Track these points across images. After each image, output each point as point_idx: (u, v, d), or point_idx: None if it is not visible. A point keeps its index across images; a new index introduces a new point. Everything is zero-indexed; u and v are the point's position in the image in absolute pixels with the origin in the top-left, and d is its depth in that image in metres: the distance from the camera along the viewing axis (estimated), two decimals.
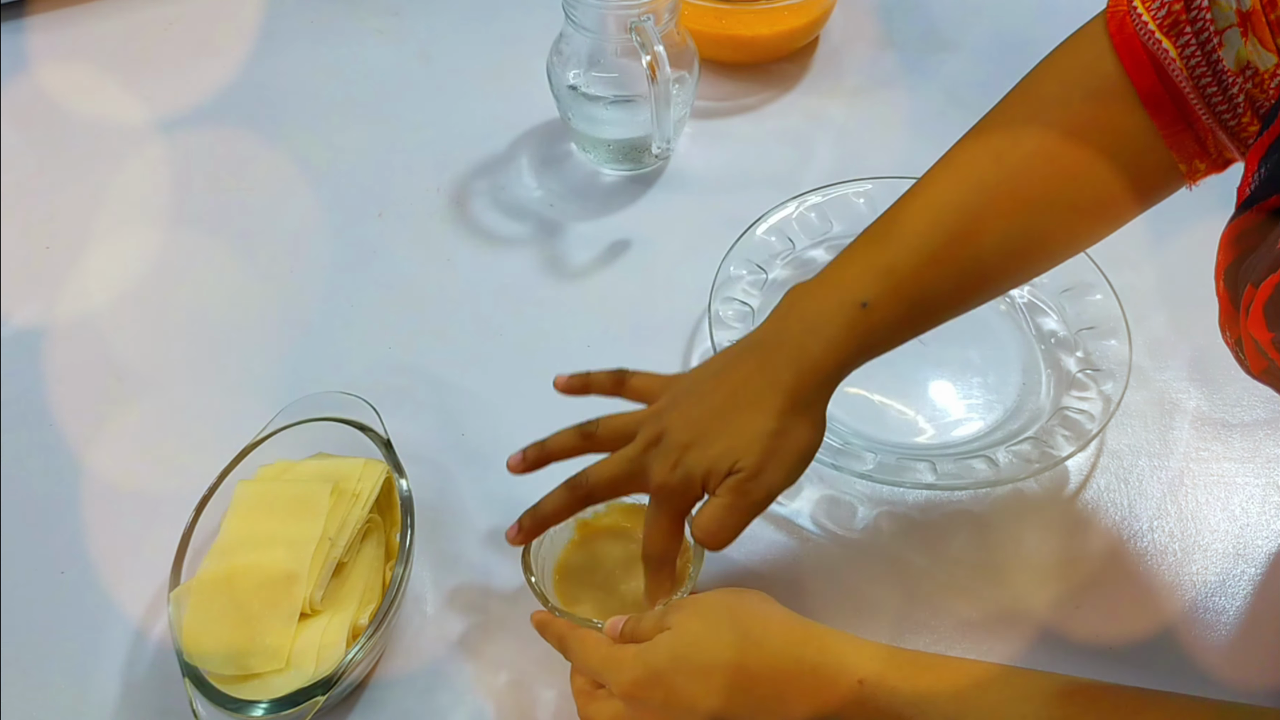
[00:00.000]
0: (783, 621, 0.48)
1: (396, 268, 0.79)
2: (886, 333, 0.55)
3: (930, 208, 0.55)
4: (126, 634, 0.61)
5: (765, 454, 0.52)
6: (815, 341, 0.53)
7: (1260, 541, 0.64)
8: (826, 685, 0.45)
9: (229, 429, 0.64)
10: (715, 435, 0.53)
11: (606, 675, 0.50)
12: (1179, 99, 0.50)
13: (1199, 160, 0.52)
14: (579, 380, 0.60)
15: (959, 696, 0.43)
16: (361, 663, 0.55)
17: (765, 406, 0.53)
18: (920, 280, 0.54)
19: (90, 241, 0.81)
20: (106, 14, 0.98)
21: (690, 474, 0.53)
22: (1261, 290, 0.39)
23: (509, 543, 0.56)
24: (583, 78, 0.79)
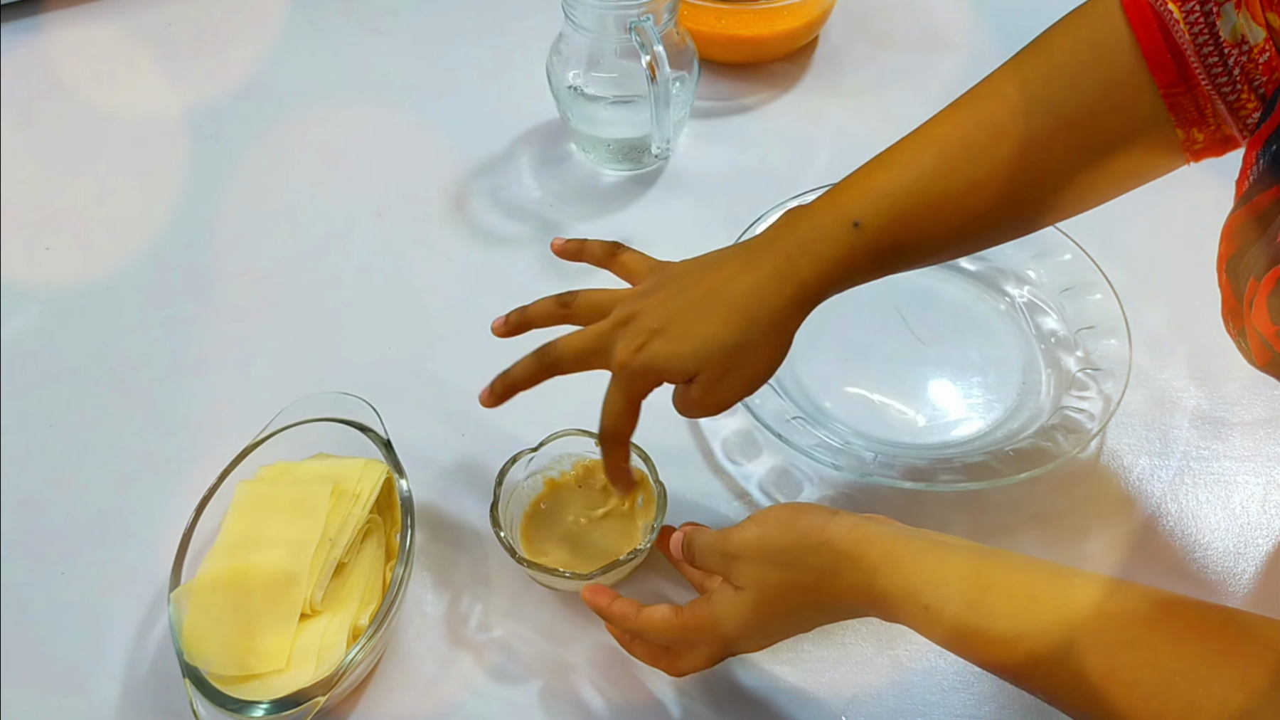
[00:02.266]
0: (848, 549, 0.48)
1: (396, 268, 0.79)
2: (875, 256, 0.55)
3: (935, 140, 0.55)
4: (126, 634, 0.60)
5: (725, 367, 0.54)
6: (803, 257, 0.54)
7: (1260, 540, 0.64)
8: (897, 610, 0.47)
9: (229, 429, 0.64)
10: (684, 332, 0.54)
11: (694, 640, 0.53)
12: (1181, 61, 0.51)
13: (1197, 129, 0.53)
14: (575, 244, 0.62)
15: (1016, 618, 0.44)
16: (361, 663, 0.55)
17: (737, 317, 0.53)
18: (914, 207, 0.54)
19: (90, 241, 0.81)
20: (106, 14, 0.98)
21: (650, 364, 0.54)
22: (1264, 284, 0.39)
23: (481, 404, 0.59)
24: (583, 78, 0.79)
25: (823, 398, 0.70)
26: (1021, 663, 0.44)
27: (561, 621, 0.61)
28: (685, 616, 0.52)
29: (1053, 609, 0.43)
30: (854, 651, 0.60)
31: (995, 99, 0.55)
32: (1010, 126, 0.54)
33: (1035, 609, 0.44)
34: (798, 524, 0.50)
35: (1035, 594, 0.44)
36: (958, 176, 0.54)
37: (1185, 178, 0.56)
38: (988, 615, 0.44)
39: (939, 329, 0.74)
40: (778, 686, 0.59)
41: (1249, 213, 0.42)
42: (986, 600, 0.45)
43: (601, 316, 0.57)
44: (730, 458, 0.68)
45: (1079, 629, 0.42)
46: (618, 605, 0.54)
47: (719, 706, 0.58)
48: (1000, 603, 0.44)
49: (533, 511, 0.63)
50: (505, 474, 0.61)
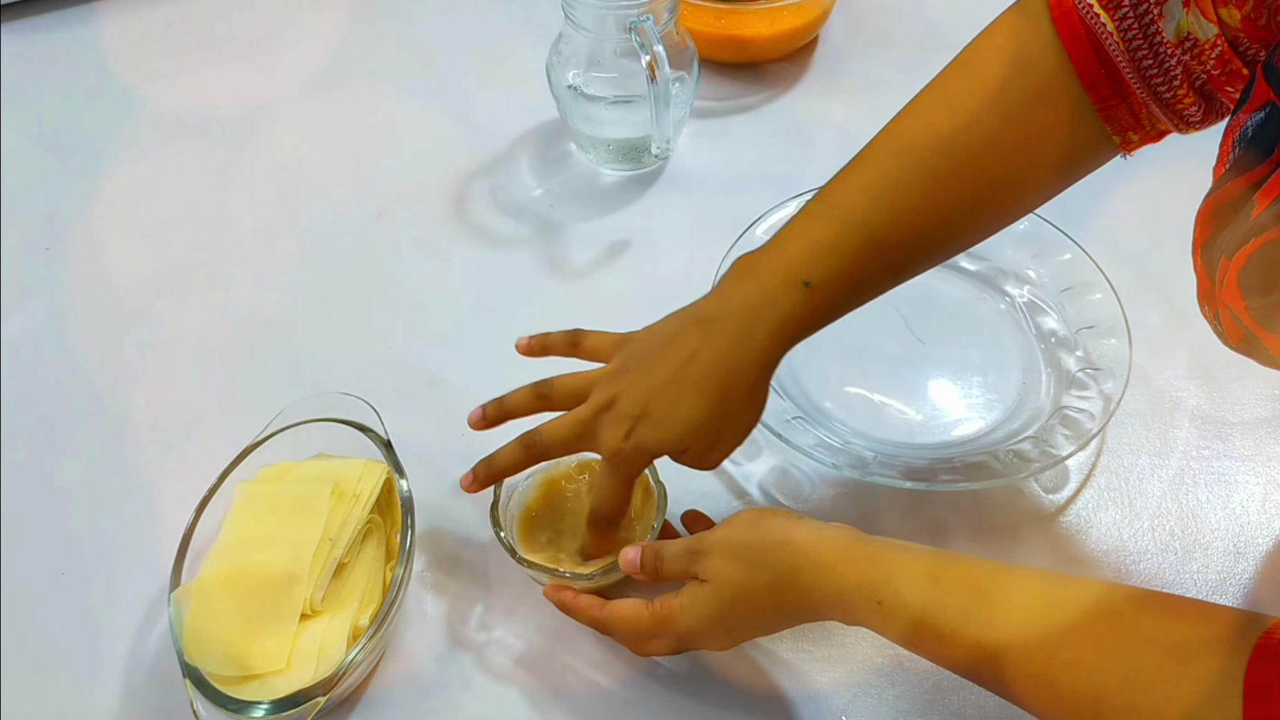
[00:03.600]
0: (807, 548, 0.50)
1: (396, 268, 0.79)
2: (829, 309, 0.57)
3: (871, 185, 0.56)
4: (126, 634, 0.60)
5: (711, 439, 0.56)
6: (759, 324, 0.55)
7: (1260, 540, 0.64)
8: (853, 608, 0.49)
9: (229, 429, 0.64)
10: (665, 415, 0.55)
11: (663, 633, 0.54)
12: (1114, 74, 0.51)
13: (1132, 132, 0.54)
14: (538, 341, 0.63)
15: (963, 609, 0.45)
16: (362, 663, 0.55)
17: (712, 391, 0.55)
18: (861, 260, 0.56)
19: (90, 241, 0.81)
20: (106, 14, 0.98)
21: (640, 448, 0.55)
22: (1235, 260, 0.40)
23: (463, 489, 0.59)
24: (583, 78, 0.79)
25: (823, 398, 0.70)
26: (971, 654, 0.45)
27: (561, 622, 0.61)
28: (655, 608, 0.54)
29: (1000, 599, 0.45)
30: (854, 651, 0.60)
31: (921, 128, 0.56)
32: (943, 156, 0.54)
33: (982, 600, 0.45)
34: (762, 524, 0.52)
35: (982, 586, 0.46)
36: (889, 213, 0.55)
37: (1186, 178, 0.56)
38: (937, 608, 0.46)
39: (939, 329, 0.74)
40: (778, 686, 0.59)
41: (1223, 197, 0.43)
42: (936, 593, 0.46)
43: (579, 401, 0.58)
44: (730, 458, 0.68)
45: (1024, 616, 0.44)
46: (581, 599, 0.57)
47: (719, 706, 0.58)
48: (949, 596, 0.46)
49: (532, 511, 0.63)
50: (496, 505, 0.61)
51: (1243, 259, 0.39)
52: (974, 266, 0.77)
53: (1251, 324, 0.40)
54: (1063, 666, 0.42)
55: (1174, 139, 0.56)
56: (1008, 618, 0.44)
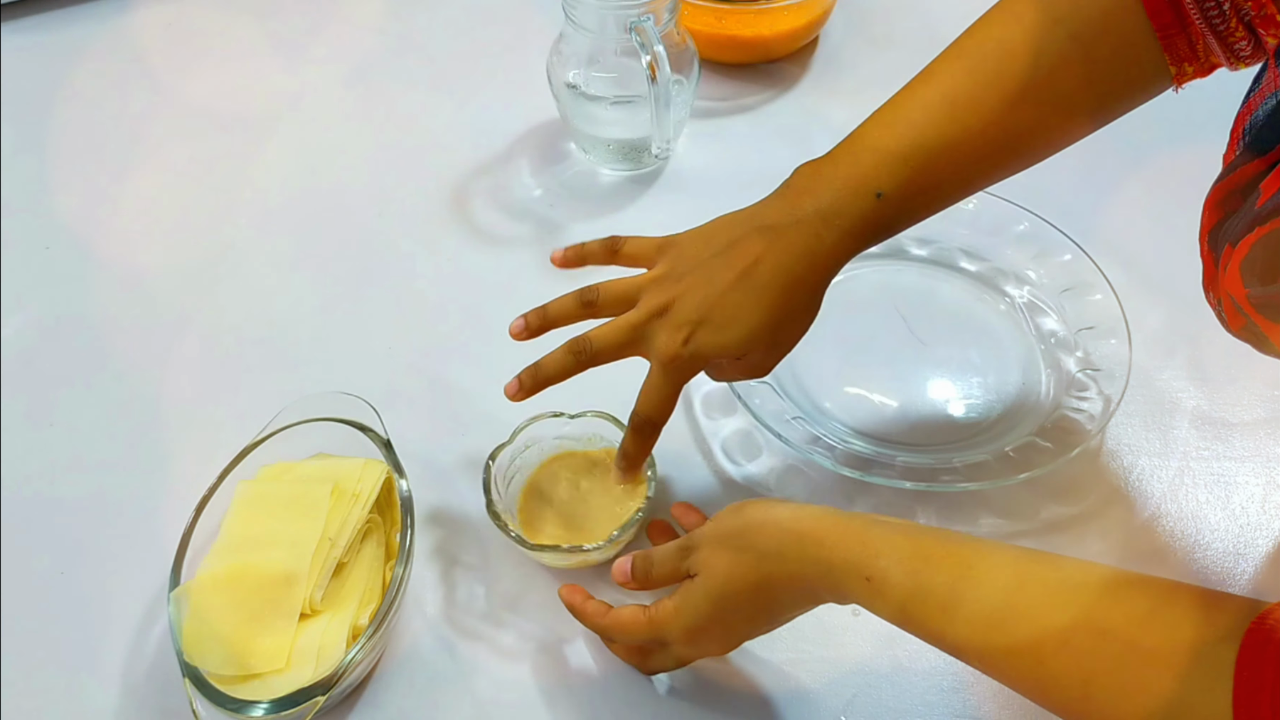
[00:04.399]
0: (793, 526, 0.50)
1: (396, 268, 0.79)
2: (897, 219, 0.57)
3: (943, 96, 0.57)
4: (126, 634, 0.60)
5: (769, 345, 0.57)
6: (828, 232, 0.56)
7: (1260, 541, 0.64)
8: (842, 583, 0.48)
9: (229, 429, 0.64)
10: (727, 320, 0.55)
11: (661, 637, 0.54)
12: (1176, 3, 0.52)
13: (1188, 64, 0.54)
14: (574, 252, 0.63)
15: (953, 587, 0.45)
16: (361, 663, 0.55)
17: (776, 299, 0.56)
18: (933, 171, 0.56)
19: (90, 241, 0.81)
20: (106, 14, 0.98)
21: (699, 354, 0.56)
22: (1239, 249, 0.40)
23: (507, 397, 0.59)
24: (583, 78, 0.79)
25: (823, 398, 0.70)
26: (959, 632, 0.45)
27: (562, 621, 0.61)
28: (651, 612, 0.53)
29: (989, 578, 0.45)
30: (854, 651, 0.60)
31: (991, 42, 0.57)
32: (1009, 67, 0.55)
33: (972, 578, 0.45)
34: (745, 511, 0.52)
35: (972, 564, 0.46)
36: (961, 124, 0.56)
37: (1186, 179, 0.56)
38: (927, 586, 0.46)
39: (939, 329, 0.74)
40: (778, 686, 0.59)
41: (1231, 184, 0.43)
42: (926, 571, 0.46)
43: (628, 307, 0.58)
44: (730, 458, 0.68)
45: (1014, 593, 0.44)
46: (590, 604, 0.56)
47: (719, 705, 0.58)
48: (938, 574, 0.46)
49: (527, 494, 0.64)
50: (491, 470, 0.62)
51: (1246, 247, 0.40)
52: (974, 266, 0.77)
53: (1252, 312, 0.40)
54: (1054, 647, 0.42)
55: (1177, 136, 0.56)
56: (998, 597, 0.44)
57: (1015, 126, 0.56)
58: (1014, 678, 0.44)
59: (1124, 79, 0.56)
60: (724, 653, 0.55)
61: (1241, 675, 0.36)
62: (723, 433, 0.69)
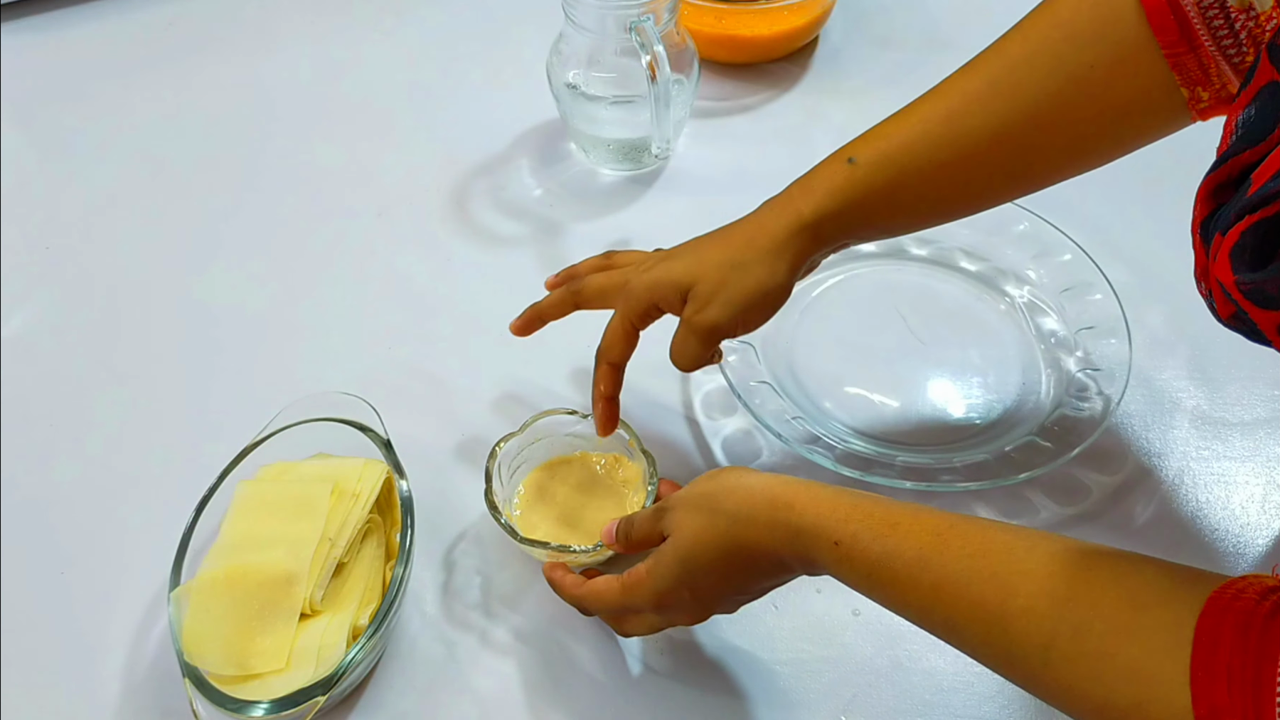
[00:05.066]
0: (763, 491, 0.50)
1: (396, 268, 0.79)
2: (871, 194, 0.57)
3: (937, 93, 0.58)
4: (126, 634, 0.61)
5: (717, 282, 0.57)
6: (803, 194, 0.58)
7: (1260, 541, 0.64)
8: (810, 548, 0.48)
9: (229, 429, 0.64)
10: (683, 251, 0.59)
11: (633, 603, 0.54)
12: (1184, 21, 0.51)
13: (1202, 88, 0.53)
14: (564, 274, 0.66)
15: (921, 552, 0.46)
16: (361, 663, 0.55)
17: (735, 240, 0.58)
18: (911, 147, 0.56)
19: (90, 241, 0.81)
20: (107, 13, 0.98)
21: (649, 280, 0.58)
22: (1229, 236, 0.40)
23: (511, 331, 0.64)
24: (583, 78, 0.79)
25: (823, 398, 0.70)
26: (925, 598, 0.45)
27: (561, 622, 0.61)
28: (624, 579, 0.54)
29: (958, 546, 0.45)
30: (854, 651, 0.60)
31: (998, 57, 0.57)
32: (1010, 81, 0.55)
33: (941, 545, 0.45)
34: (720, 475, 0.53)
35: (941, 532, 0.46)
36: (955, 124, 0.56)
37: (1186, 179, 0.56)
38: (895, 552, 0.46)
39: (939, 329, 0.74)
40: (778, 686, 0.59)
41: (1222, 175, 0.43)
42: (894, 538, 0.46)
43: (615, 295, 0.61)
44: (730, 457, 0.68)
45: (981, 563, 0.44)
46: (569, 577, 0.57)
47: (720, 705, 0.58)
48: (907, 540, 0.46)
49: (528, 487, 0.64)
50: (496, 456, 0.62)
51: (1235, 234, 0.40)
52: (974, 266, 0.77)
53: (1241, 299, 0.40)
54: (1017, 612, 0.42)
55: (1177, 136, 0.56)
56: (965, 563, 0.44)
57: (1015, 143, 0.56)
58: (976, 645, 0.44)
59: (1141, 115, 0.55)
60: (694, 622, 0.55)
61: (1200, 642, 0.37)
62: (723, 432, 0.69)
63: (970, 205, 0.60)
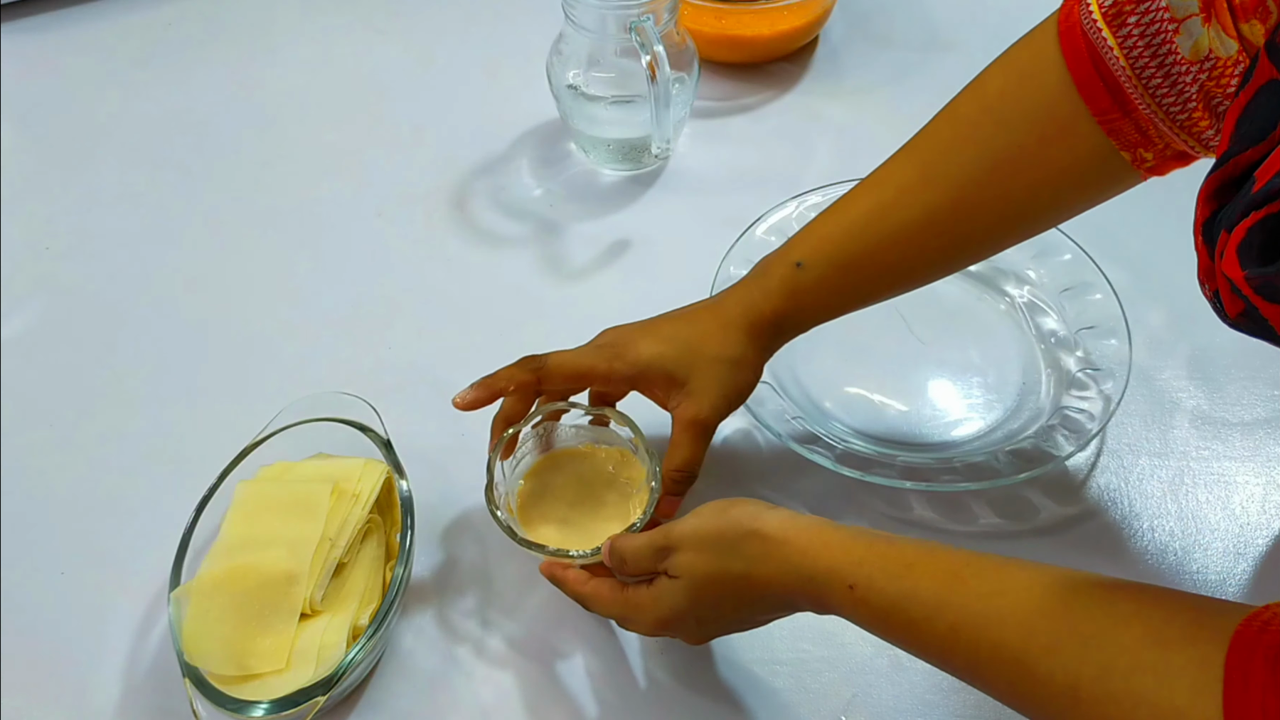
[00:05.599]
0: (777, 534, 0.50)
1: (396, 268, 0.79)
2: (820, 294, 0.60)
3: (874, 186, 0.60)
4: (126, 634, 0.61)
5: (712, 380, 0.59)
6: (763, 296, 0.60)
7: (1260, 541, 0.64)
8: (824, 591, 0.48)
9: (229, 429, 0.64)
10: (667, 341, 0.60)
11: (634, 620, 0.54)
12: (1115, 88, 0.52)
13: (1143, 149, 0.53)
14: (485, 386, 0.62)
15: (938, 594, 0.45)
16: (361, 663, 0.55)
17: (712, 333, 0.59)
18: (852, 249, 0.59)
19: (90, 241, 0.81)
20: (107, 13, 0.98)
21: (647, 364, 0.59)
22: (1235, 232, 0.40)
23: (455, 405, 0.60)
24: (583, 78, 0.80)
25: (823, 398, 0.70)
26: (944, 640, 0.45)
27: (562, 622, 0.61)
28: (628, 595, 0.54)
29: (975, 585, 0.45)
30: (854, 651, 0.60)
31: (929, 140, 0.58)
32: (941, 168, 0.57)
33: (958, 585, 0.45)
34: (730, 513, 0.51)
35: (958, 572, 0.45)
36: (891, 217, 0.58)
37: (1186, 178, 0.56)
38: (911, 593, 0.46)
39: (939, 329, 0.74)
40: (777, 686, 0.59)
41: (1224, 175, 0.43)
42: (910, 578, 0.46)
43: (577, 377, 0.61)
44: (730, 457, 0.68)
45: (1001, 602, 0.43)
46: (571, 572, 0.57)
47: (720, 705, 0.58)
48: (924, 581, 0.46)
49: (530, 480, 0.63)
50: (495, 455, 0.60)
51: (1243, 231, 0.40)
52: (974, 266, 0.76)
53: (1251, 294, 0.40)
54: (1040, 652, 0.42)
55: None
56: (984, 603, 0.44)
57: (947, 228, 0.57)
58: (999, 686, 0.44)
59: (1078, 186, 0.56)
60: (694, 644, 0.56)
61: (1231, 680, 0.36)
62: (723, 432, 0.69)
63: (915, 282, 0.62)
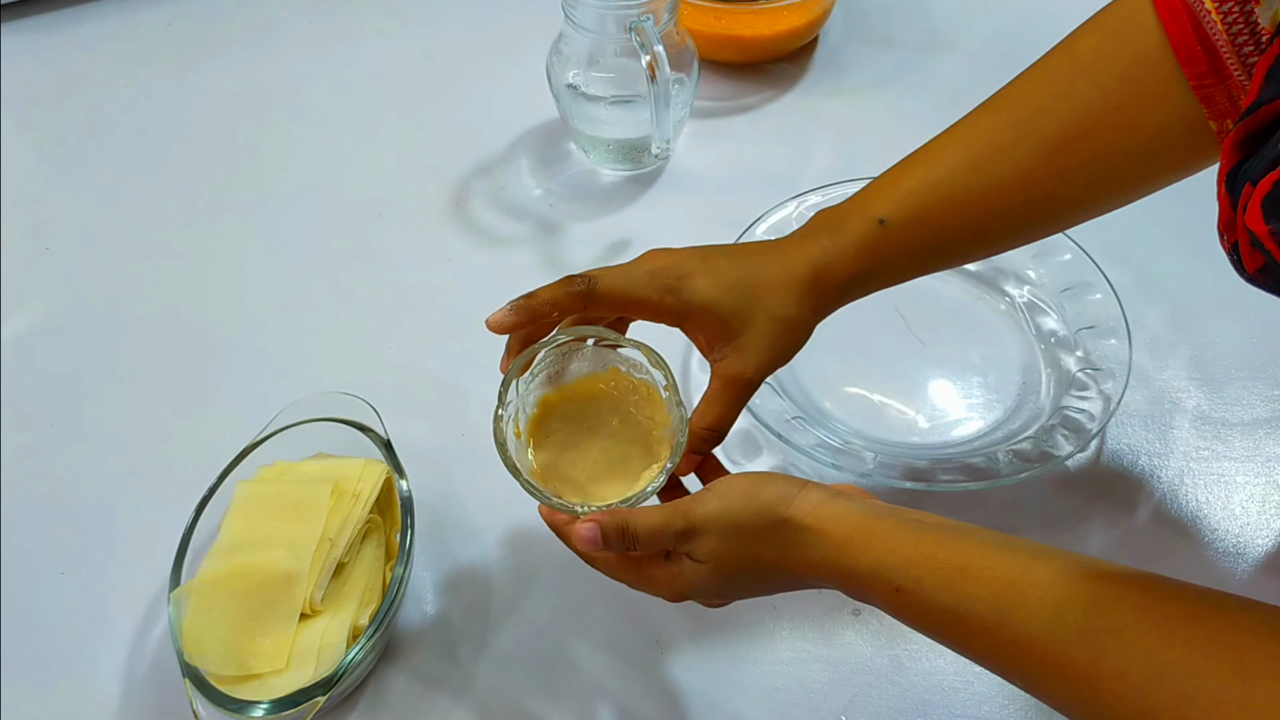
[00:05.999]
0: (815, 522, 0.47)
1: (396, 268, 0.79)
2: (901, 255, 0.56)
3: (960, 140, 0.56)
4: (126, 634, 0.61)
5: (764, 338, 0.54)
6: (833, 246, 0.55)
7: (1260, 541, 0.64)
8: (865, 588, 0.46)
9: (229, 429, 0.64)
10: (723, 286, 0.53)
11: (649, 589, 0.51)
12: (1212, 52, 0.50)
13: (1230, 120, 0.52)
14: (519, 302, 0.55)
15: (995, 606, 0.42)
16: (361, 663, 0.55)
17: (776, 286, 0.54)
18: (939, 204, 0.55)
19: (90, 241, 0.81)
20: (107, 13, 0.98)
21: (702, 305, 0.53)
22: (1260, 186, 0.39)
23: (488, 327, 0.54)
24: (582, 78, 0.79)
25: (823, 398, 0.70)
26: (1002, 650, 0.42)
27: (562, 621, 0.61)
28: (644, 568, 0.51)
29: (1037, 595, 0.42)
30: (854, 651, 0.60)
31: (1020, 97, 0.55)
32: (1034, 125, 0.54)
33: (1016, 594, 0.42)
34: (761, 496, 0.48)
35: (1015, 578, 0.43)
36: (982, 174, 0.55)
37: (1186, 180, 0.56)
38: (965, 599, 0.43)
39: (939, 329, 0.74)
40: (778, 686, 0.59)
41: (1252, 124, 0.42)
42: (963, 584, 0.43)
43: None
44: (730, 458, 0.68)
45: (1063, 616, 0.41)
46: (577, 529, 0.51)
47: (720, 705, 0.58)
48: (979, 587, 0.43)
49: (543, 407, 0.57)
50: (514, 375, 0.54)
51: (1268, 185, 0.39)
52: (974, 266, 0.77)
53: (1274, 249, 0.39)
54: (1110, 676, 0.39)
55: None
56: (1046, 618, 0.41)
57: (1039, 188, 0.54)
58: (1060, 702, 0.41)
59: (1170, 151, 0.53)
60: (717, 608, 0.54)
61: None
62: None
63: (990, 250, 0.59)
